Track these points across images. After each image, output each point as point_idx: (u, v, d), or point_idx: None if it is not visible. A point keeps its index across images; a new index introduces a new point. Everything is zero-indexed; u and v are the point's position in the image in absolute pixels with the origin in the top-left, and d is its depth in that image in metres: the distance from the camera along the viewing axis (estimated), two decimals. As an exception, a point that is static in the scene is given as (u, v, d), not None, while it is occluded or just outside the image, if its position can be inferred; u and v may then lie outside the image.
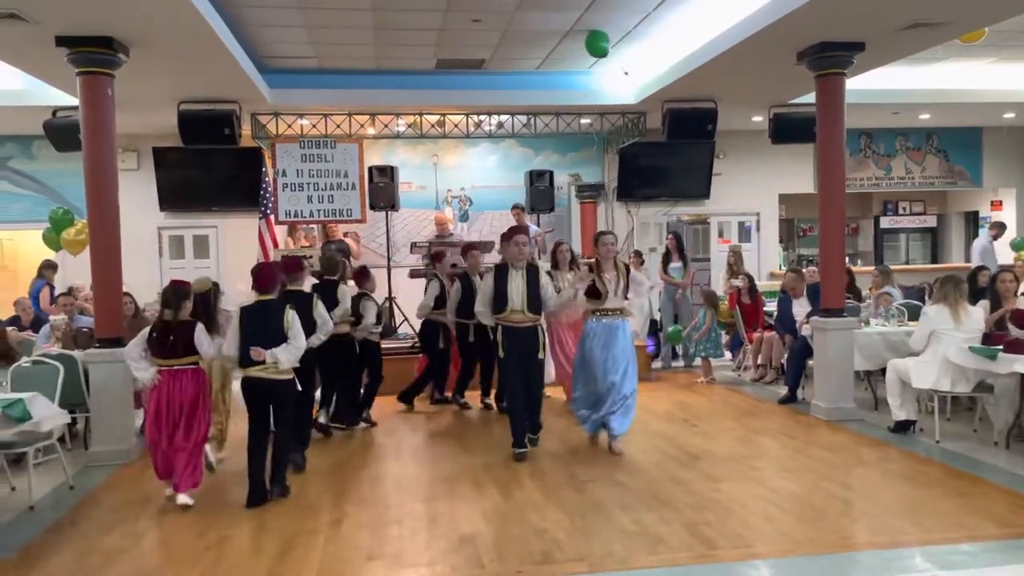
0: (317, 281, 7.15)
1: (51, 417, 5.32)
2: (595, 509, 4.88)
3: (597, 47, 8.09)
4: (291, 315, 5.33)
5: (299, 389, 5.47)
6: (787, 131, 10.18)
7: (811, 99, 8.45)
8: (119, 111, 6.75)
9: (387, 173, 10.41)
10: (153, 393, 5.30)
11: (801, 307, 8.33)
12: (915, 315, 7.56)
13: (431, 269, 8.58)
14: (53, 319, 8.07)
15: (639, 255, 10.69)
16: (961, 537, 4.28)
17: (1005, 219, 13.58)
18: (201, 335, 5.30)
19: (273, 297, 5.46)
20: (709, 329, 9.19)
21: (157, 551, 4.47)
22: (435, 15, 7.60)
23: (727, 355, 9.90)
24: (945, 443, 6.19)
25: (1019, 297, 6.67)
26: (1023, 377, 5.76)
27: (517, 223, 10.60)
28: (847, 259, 8.91)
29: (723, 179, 11.87)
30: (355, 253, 11.00)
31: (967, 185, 13.31)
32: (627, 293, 6.31)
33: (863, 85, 8.69)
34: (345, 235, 11.15)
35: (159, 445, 5.25)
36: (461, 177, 11.93)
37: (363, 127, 10.48)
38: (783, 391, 8.06)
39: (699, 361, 9.46)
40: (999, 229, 11.70)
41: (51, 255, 10.48)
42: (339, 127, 10.35)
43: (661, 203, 11.87)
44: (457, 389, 8.25)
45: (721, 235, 12.95)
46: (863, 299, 8.89)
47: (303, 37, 8.22)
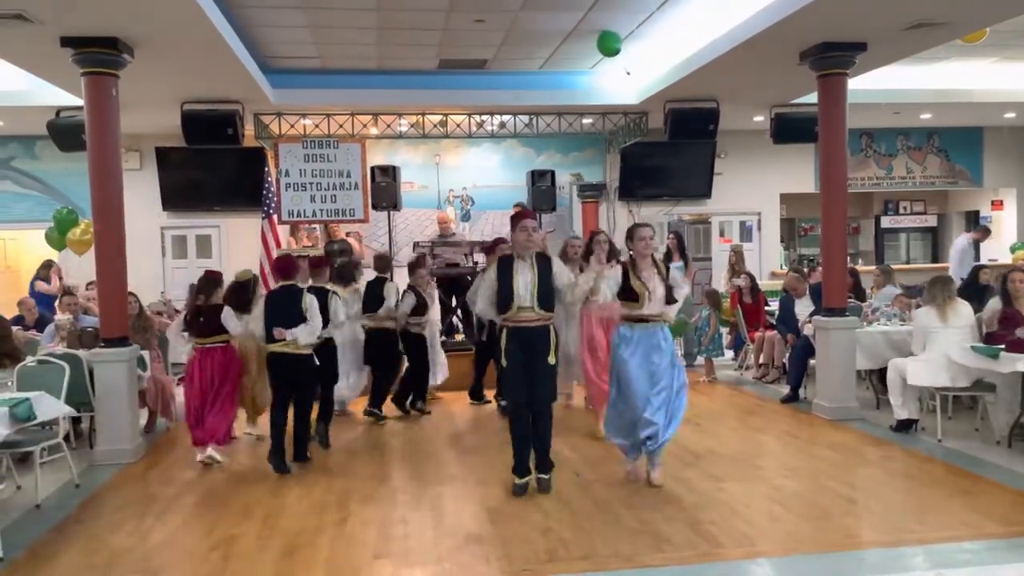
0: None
1: (55, 409, 5.35)
2: (600, 508, 4.90)
3: (609, 47, 8.12)
4: (309, 299, 6.04)
5: (317, 364, 6.16)
6: (788, 131, 10.21)
7: (812, 99, 8.48)
8: (122, 111, 6.76)
9: (389, 173, 10.43)
10: (190, 367, 6.22)
11: (803, 306, 8.35)
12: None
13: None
14: (58, 319, 8.09)
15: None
16: (964, 535, 4.30)
17: (1005, 219, 13.64)
18: (227, 316, 6.15)
19: (294, 283, 6.14)
20: (715, 332, 9.22)
21: (164, 550, 4.48)
22: (438, 15, 7.62)
23: (728, 354, 9.92)
24: (947, 442, 6.21)
25: None
26: (1025, 376, 5.79)
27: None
28: (848, 259, 8.93)
29: (724, 179, 11.90)
30: (358, 253, 11.01)
31: (968, 185, 13.34)
32: (669, 297, 5.22)
33: (864, 85, 8.71)
34: (347, 235, 11.17)
35: (195, 412, 6.08)
36: (463, 177, 11.96)
37: (366, 127, 10.50)
38: (785, 390, 8.08)
39: (701, 360, 9.48)
40: (984, 233, 11.70)
41: (53, 255, 10.52)
42: (342, 127, 10.37)
43: (662, 203, 11.89)
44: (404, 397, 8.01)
45: (722, 234, 12.97)
46: (866, 299, 8.91)
47: (306, 37, 8.24)
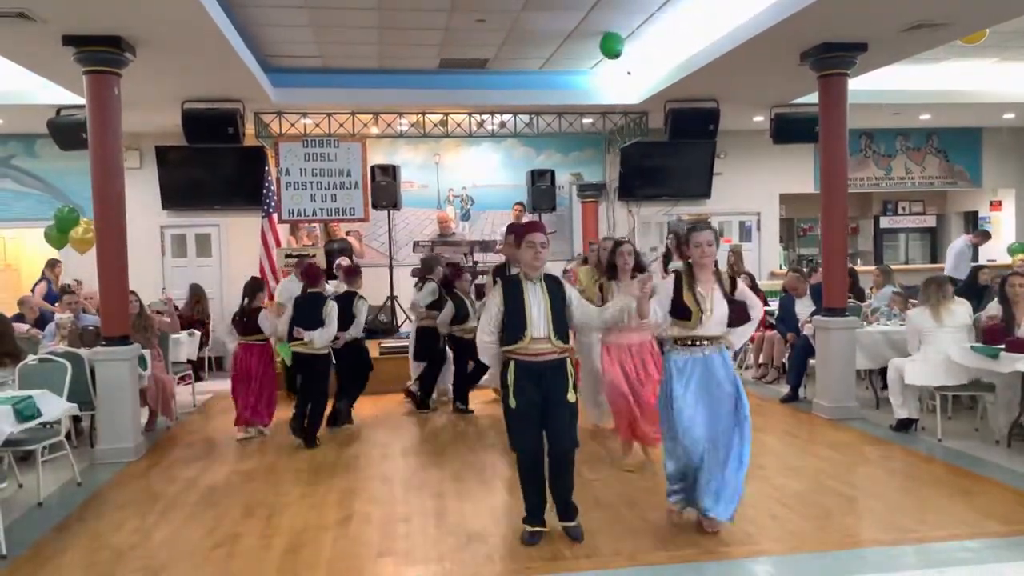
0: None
1: (59, 407, 5.36)
2: (602, 507, 4.91)
3: (611, 49, 8.14)
4: (330, 306, 6.81)
5: (332, 363, 7.09)
6: (788, 131, 10.21)
7: (812, 99, 8.50)
8: (123, 110, 6.75)
9: (389, 172, 10.45)
10: (234, 359, 7.20)
11: (803, 306, 8.38)
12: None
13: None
14: (59, 317, 8.09)
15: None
16: (965, 534, 4.32)
17: (1004, 219, 13.66)
18: (262, 319, 6.98)
19: (318, 291, 6.93)
20: None
21: (167, 548, 4.49)
22: (440, 15, 7.62)
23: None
24: (947, 442, 6.23)
25: None
26: (1025, 376, 5.82)
27: (516, 221, 10.64)
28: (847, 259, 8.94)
29: (724, 179, 11.92)
30: (357, 252, 11.03)
31: (967, 185, 13.36)
32: (737, 316, 4.33)
33: (864, 85, 8.73)
34: (347, 234, 11.19)
35: (241, 398, 7.02)
36: (463, 176, 11.96)
37: (366, 126, 10.50)
38: (784, 390, 8.10)
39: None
40: (983, 237, 11.67)
41: (53, 253, 10.52)
42: (342, 126, 10.37)
43: (662, 202, 11.91)
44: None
45: (722, 234, 12.98)
46: (865, 299, 8.94)
47: (307, 36, 8.25)
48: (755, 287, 9.42)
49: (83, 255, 9.64)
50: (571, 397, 4.27)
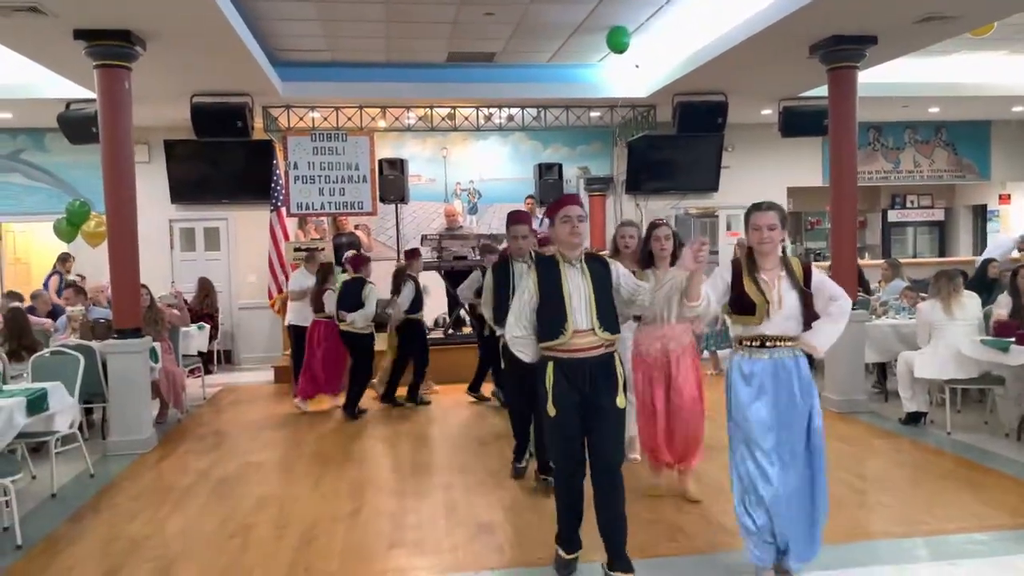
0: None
1: (64, 411, 5.41)
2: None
3: (618, 43, 8.11)
4: (368, 289, 7.60)
5: (374, 341, 7.82)
6: (796, 124, 10.19)
7: (820, 92, 8.48)
8: (132, 104, 6.77)
9: (397, 166, 10.45)
10: (308, 332, 7.95)
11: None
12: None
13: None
14: (70, 310, 8.13)
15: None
16: (974, 527, 4.33)
17: (1013, 213, 13.61)
18: (326, 298, 7.82)
19: (361, 276, 7.71)
20: (722, 324, 9.22)
21: (181, 538, 4.52)
22: (448, 8, 7.62)
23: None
24: (956, 435, 6.23)
25: None
26: (1035, 369, 5.81)
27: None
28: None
29: (731, 172, 11.88)
30: (365, 246, 11.04)
31: (975, 179, 13.31)
32: (812, 311, 3.60)
33: (873, 78, 8.70)
34: (356, 228, 11.21)
35: (305, 372, 7.88)
36: (470, 170, 11.95)
37: (374, 120, 10.51)
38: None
39: (707, 354, 9.50)
40: None
41: (63, 247, 10.56)
42: (350, 120, 10.38)
43: (670, 196, 11.87)
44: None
45: (729, 228, 12.95)
46: (871, 292, 8.93)
47: (316, 30, 8.25)
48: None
49: (95, 248, 9.68)
50: (620, 402, 3.60)
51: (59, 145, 10.21)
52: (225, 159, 10.33)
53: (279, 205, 10.11)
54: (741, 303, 3.58)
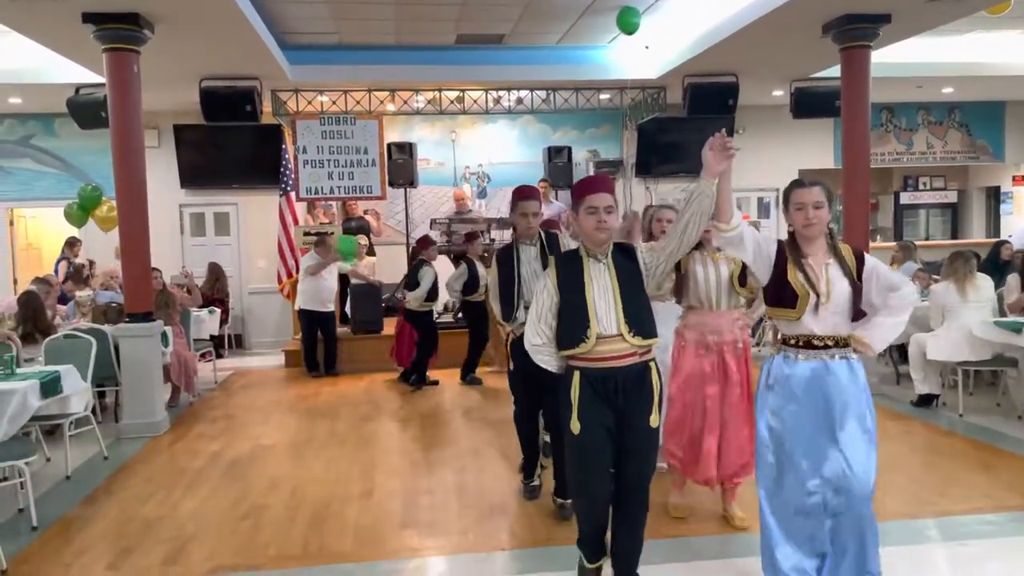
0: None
1: (78, 394, 5.44)
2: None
3: (628, 24, 8.02)
4: (423, 271, 7.96)
5: (434, 319, 8.30)
6: (809, 105, 10.10)
7: (832, 73, 8.40)
8: (141, 88, 6.77)
9: (406, 150, 10.44)
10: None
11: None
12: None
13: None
14: (78, 295, 8.18)
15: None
16: (986, 507, 4.32)
17: (1026, 194, 13.48)
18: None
19: (423, 257, 8.06)
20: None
21: (195, 519, 4.56)
22: (457, -10, 7.58)
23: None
24: (968, 417, 6.21)
25: None
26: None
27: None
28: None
29: (742, 155, 11.64)
30: (375, 230, 11.07)
31: (989, 160, 13.18)
32: (861, 306, 3.04)
33: (886, 58, 8.60)
34: (365, 212, 11.21)
35: (397, 346, 8.34)
36: (479, 154, 11.92)
37: (383, 103, 10.47)
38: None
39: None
40: None
41: (74, 232, 10.61)
42: (359, 103, 10.35)
43: (680, 179, 11.80)
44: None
45: (740, 210, 12.89)
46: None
47: (324, 13, 8.21)
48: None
49: (107, 233, 9.72)
50: (654, 420, 3.11)
51: (69, 130, 10.23)
52: (234, 144, 10.34)
53: (288, 190, 10.12)
54: (782, 293, 3.01)
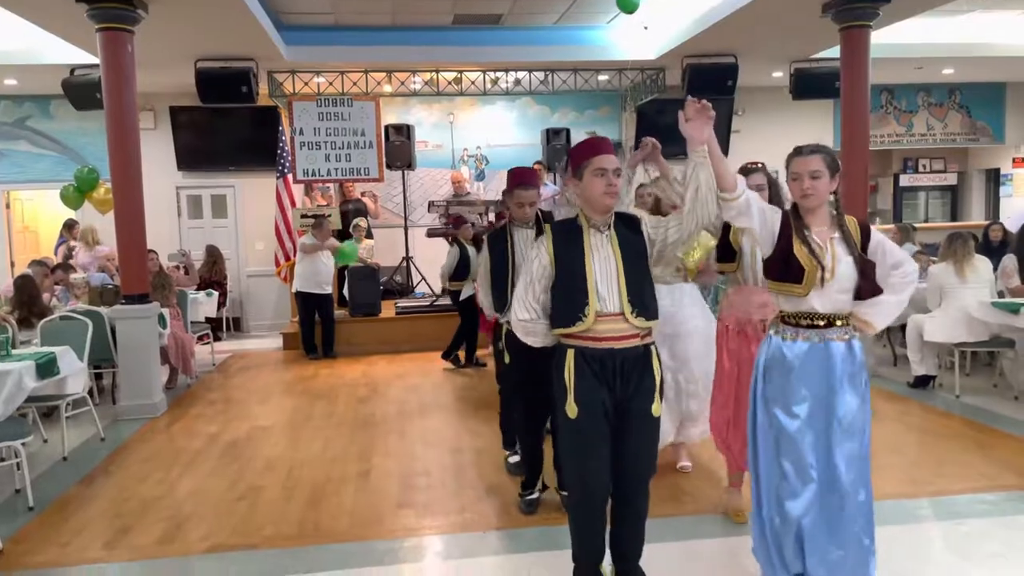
0: None
1: (75, 375, 5.44)
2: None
3: (628, 2, 7.95)
4: (450, 249, 7.94)
5: (462, 299, 7.89)
6: (808, 86, 10.06)
7: (832, 54, 8.34)
8: (137, 70, 6.72)
9: (403, 132, 10.39)
10: None
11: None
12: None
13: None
14: (74, 277, 8.15)
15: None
16: (982, 487, 4.32)
17: (1028, 177, 13.43)
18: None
19: (455, 236, 8.06)
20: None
21: (192, 499, 4.57)
22: (453, -31, 7.51)
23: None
24: (965, 398, 6.21)
25: None
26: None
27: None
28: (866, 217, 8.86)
29: (742, 136, 11.76)
30: (373, 213, 11.02)
31: (989, 142, 13.13)
32: (869, 283, 2.83)
33: (886, 39, 8.55)
34: (363, 194, 11.17)
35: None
36: (477, 136, 11.86)
37: (380, 84, 10.41)
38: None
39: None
40: None
41: (70, 214, 10.57)
42: (356, 84, 10.29)
43: (679, 161, 11.63)
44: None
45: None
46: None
47: (320, -8, 8.16)
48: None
49: (105, 215, 9.70)
50: (656, 409, 2.91)
51: (65, 112, 10.19)
52: (231, 126, 10.31)
53: (285, 172, 10.08)
54: (786, 267, 2.82)
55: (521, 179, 4.17)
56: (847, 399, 2.86)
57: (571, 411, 2.86)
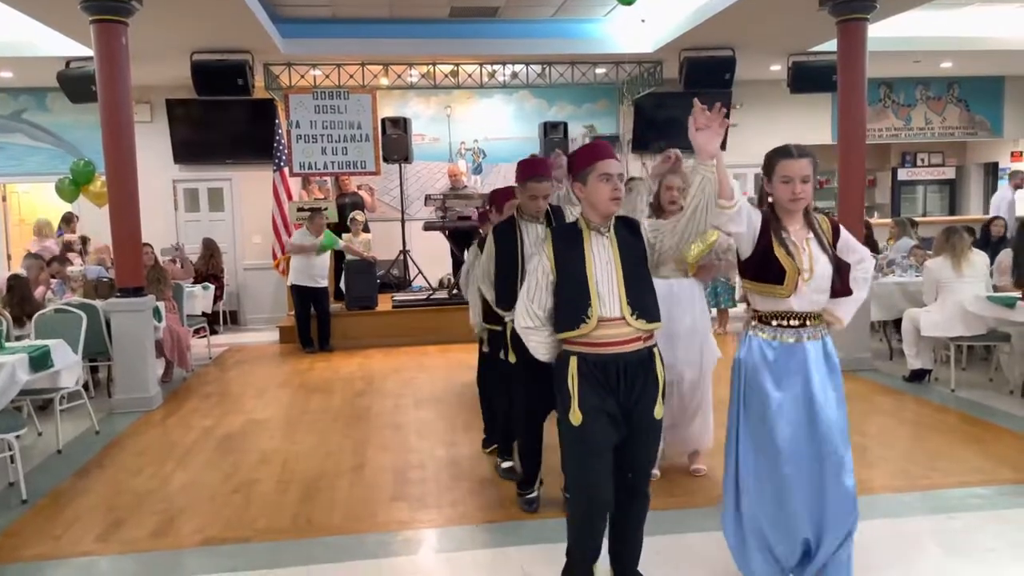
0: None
1: (69, 368, 5.43)
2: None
3: (627, -6, 7.90)
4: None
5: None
6: (806, 80, 10.05)
7: (830, 47, 8.32)
8: (132, 62, 6.70)
9: (400, 125, 10.36)
10: None
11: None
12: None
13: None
14: (70, 270, 8.14)
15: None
16: (976, 481, 4.32)
17: (1025, 170, 13.42)
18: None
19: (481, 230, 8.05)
20: (732, 283, 9.17)
21: (186, 492, 4.56)
22: (450, -39, 7.48)
23: (741, 306, 9.90)
24: (960, 392, 6.22)
25: None
26: (1042, 326, 5.76)
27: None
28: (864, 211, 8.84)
29: (739, 130, 11.69)
30: (369, 206, 11.01)
31: (987, 135, 13.11)
32: (843, 282, 2.91)
33: (884, 32, 8.52)
34: (359, 188, 11.15)
35: None
36: (474, 129, 11.83)
37: (376, 77, 10.38)
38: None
39: (714, 312, 9.47)
40: (1021, 179, 11.46)
41: (66, 207, 10.56)
42: (352, 77, 10.26)
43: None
44: None
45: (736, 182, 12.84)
46: (880, 251, 8.85)
47: (316, -15, 8.13)
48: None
49: (101, 208, 9.68)
50: (658, 412, 2.91)
51: (61, 105, 10.16)
52: (227, 119, 10.29)
53: (282, 165, 10.06)
54: (767, 268, 2.81)
55: (534, 170, 3.98)
56: (825, 396, 2.88)
57: (575, 418, 2.82)
